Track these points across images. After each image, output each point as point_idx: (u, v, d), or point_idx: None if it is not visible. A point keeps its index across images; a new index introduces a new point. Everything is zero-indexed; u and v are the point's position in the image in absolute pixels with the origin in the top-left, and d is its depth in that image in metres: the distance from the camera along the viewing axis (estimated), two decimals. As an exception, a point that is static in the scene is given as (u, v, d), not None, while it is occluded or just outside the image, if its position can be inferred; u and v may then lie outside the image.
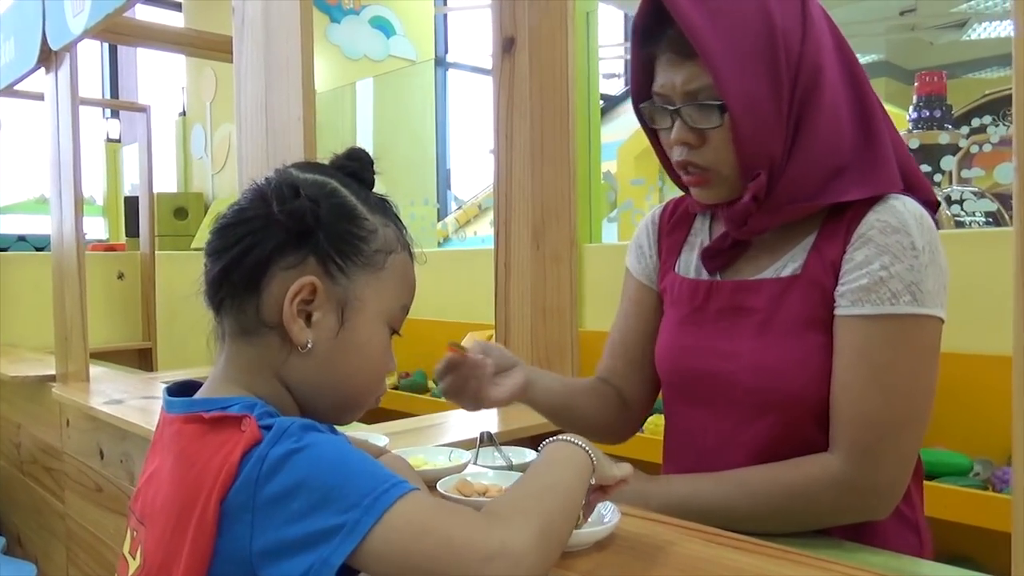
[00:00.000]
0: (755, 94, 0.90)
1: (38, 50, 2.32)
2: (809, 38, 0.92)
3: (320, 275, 0.71)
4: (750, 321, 0.97)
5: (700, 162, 0.96)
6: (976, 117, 2.67)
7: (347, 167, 0.78)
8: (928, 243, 0.89)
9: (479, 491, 0.94)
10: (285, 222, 0.69)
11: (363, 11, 5.98)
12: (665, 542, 0.84)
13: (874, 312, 0.88)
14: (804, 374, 0.93)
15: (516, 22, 1.71)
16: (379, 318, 0.76)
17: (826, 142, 0.93)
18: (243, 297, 0.71)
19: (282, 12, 1.34)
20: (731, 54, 0.89)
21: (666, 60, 0.94)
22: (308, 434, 0.64)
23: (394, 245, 0.77)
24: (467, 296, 3.14)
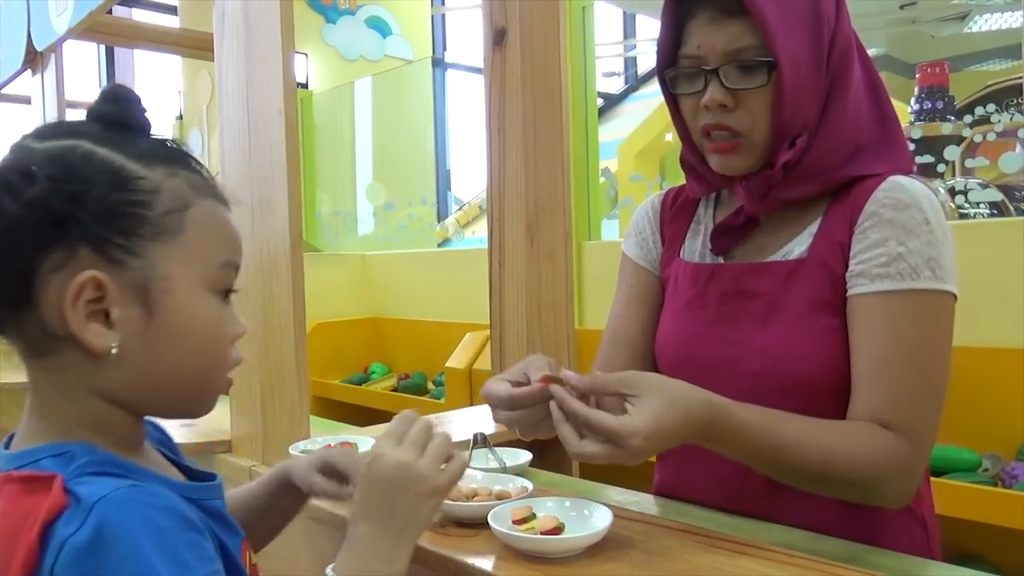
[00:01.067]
0: (801, 57, 0.90)
1: (23, 52, 2.29)
2: (842, 15, 0.93)
3: (101, 265, 0.57)
4: (755, 305, 0.95)
5: (734, 125, 0.93)
6: (980, 107, 2.63)
7: (107, 114, 0.61)
8: (939, 220, 0.89)
9: (467, 494, 0.91)
10: (28, 216, 0.55)
11: (359, 11, 5.96)
12: (661, 547, 0.81)
13: (896, 288, 0.87)
14: (812, 358, 0.91)
15: (507, 14, 1.67)
16: (197, 288, 0.62)
17: (852, 117, 0.94)
18: (18, 315, 0.58)
19: (263, 7, 1.30)
20: (782, 13, 0.89)
21: (707, 19, 0.92)
22: (119, 517, 0.52)
23: (189, 198, 0.62)
24: (466, 296, 3.12)
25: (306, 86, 5.11)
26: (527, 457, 1.26)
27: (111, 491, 0.53)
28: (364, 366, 3.59)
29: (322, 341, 3.43)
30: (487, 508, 0.84)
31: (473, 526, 0.87)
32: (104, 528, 0.51)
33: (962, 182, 2.76)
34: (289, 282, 1.29)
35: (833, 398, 0.90)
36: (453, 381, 2.78)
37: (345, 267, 3.81)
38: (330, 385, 3.47)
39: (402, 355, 3.59)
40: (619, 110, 8.01)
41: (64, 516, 0.52)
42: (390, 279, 3.75)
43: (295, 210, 1.28)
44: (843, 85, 0.93)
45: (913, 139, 2.78)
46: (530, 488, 0.93)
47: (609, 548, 0.80)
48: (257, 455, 1.39)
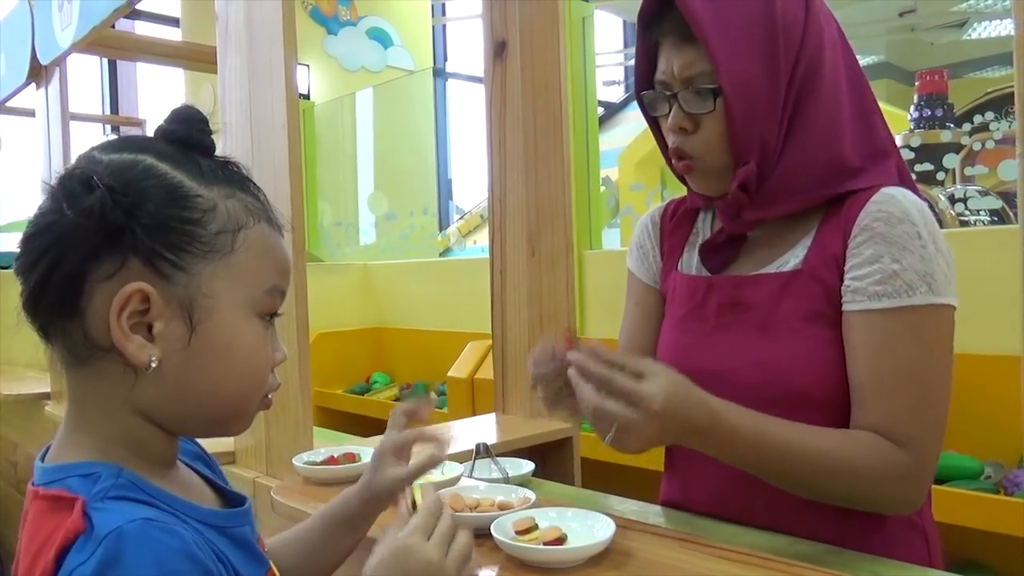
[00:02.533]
0: (751, 80, 0.89)
1: (28, 65, 2.31)
2: (811, 31, 0.92)
3: (150, 277, 0.57)
4: (751, 317, 0.95)
5: (689, 149, 0.95)
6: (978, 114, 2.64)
7: (173, 132, 0.63)
8: (931, 232, 0.88)
9: (470, 505, 0.91)
10: (84, 224, 0.55)
11: (360, 22, 5.99)
12: (663, 557, 0.81)
13: (892, 305, 0.87)
14: (808, 370, 0.91)
15: (507, 25, 1.68)
16: (242, 310, 0.62)
17: (823, 135, 0.92)
18: (64, 321, 0.58)
19: (265, 19, 1.32)
20: (729, 38, 0.89)
21: (668, 44, 0.95)
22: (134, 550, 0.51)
23: (243, 219, 0.62)
24: (468, 306, 3.12)
25: (308, 97, 5.13)
26: (530, 467, 1.26)
27: (124, 523, 0.52)
28: (366, 376, 3.59)
29: (324, 351, 3.43)
30: (490, 518, 0.84)
31: (476, 536, 0.87)
32: (111, 565, 0.50)
33: (962, 189, 2.77)
34: (292, 293, 1.29)
35: (830, 409, 0.90)
36: (455, 390, 2.78)
37: (347, 277, 3.82)
38: (333, 395, 3.47)
39: (404, 365, 3.59)
40: (620, 119, 8.02)
41: (77, 543, 0.52)
42: (392, 289, 3.76)
43: (298, 221, 1.29)
44: (810, 102, 0.92)
45: (912, 147, 2.78)
46: (533, 498, 0.93)
47: (611, 558, 0.81)
48: (261, 466, 1.39)
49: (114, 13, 1.79)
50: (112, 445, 0.60)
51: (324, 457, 1.20)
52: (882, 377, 0.88)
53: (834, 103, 0.93)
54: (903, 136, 3.33)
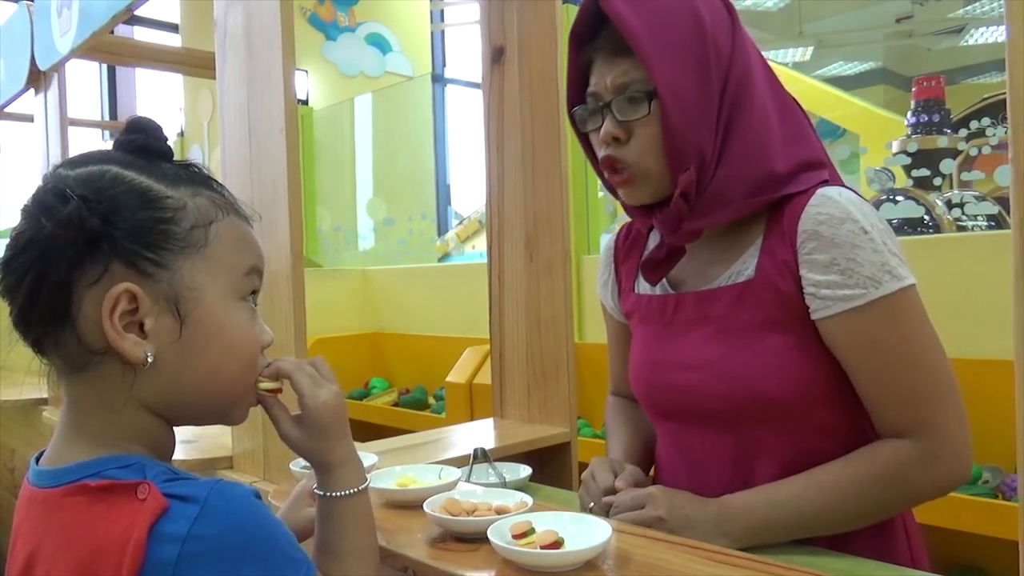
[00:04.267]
0: (684, 85, 0.92)
1: (27, 71, 2.31)
2: (738, 50, 0.96)
3: (133, 278, 0.61)
4: (710, 330, 0.98)
5: (625, 157, 0.97)
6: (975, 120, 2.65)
7: (131, 142, 0.66)
8: (873, 223, 0.90)
9: (467, 510, 0.91)
10: (64, 235, 0.59)
11: (359, 28, 6.01)
12: (660, 561, 0.81)
13: (863, 301, 0.88)
14: (769, 375, 0.92)
15: (505, 31, 1.69)
16: (225, 296, 0.66)
17: (756, 146, 0.95)
18: (58, 331, 0.61)
19: (264, 25, 1.32)
20: (661, 46, 0.92)
21: (601, 59, 0.98)
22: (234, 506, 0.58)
23: (212, 213, 0.66)
24: (466, 311, 3.12)
25: (306, 103, 5.15)
26: (527, 472, 1.26)
27: (214, 484, 0.58)
28: (365, 381, 3.59)
29: (323, 356, 3.42)
30: (487, 523, 0.84)
31: (473, 541, 0.87)
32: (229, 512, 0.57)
33: (959, 195, 2.78)
34: (290, 298, 1.30)
35: (800, 413, 0.93)
36: (454, 396, 2.78)
37: (346, 282, 3.82)
38: (331, 400, 3.47)
39: (403, 370, 3.59)
40: (618, 124, 8.01)
41: (171, 515, 0.56)
42: (391, 294, 3.76)
43: (296, 226, 1.29)
44: (743, 115, 0.94)
45: (909, 152, 2.79)
46: (530, 503, 0.93)
47: (608, 562, 0.81)
48: (259, 471, 1.39)
49: (113, 19, 1.80)
50: (124, 440, 0.63)
51: (322, 462, 1.20)
52: (878, 374, 0.90)
53: (764, 118, 0.96)
54: (900, 142, 3.34)
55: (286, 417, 0.75)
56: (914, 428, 0.89)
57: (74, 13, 1.96)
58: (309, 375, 0.75)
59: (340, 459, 0.75)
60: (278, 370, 0.74)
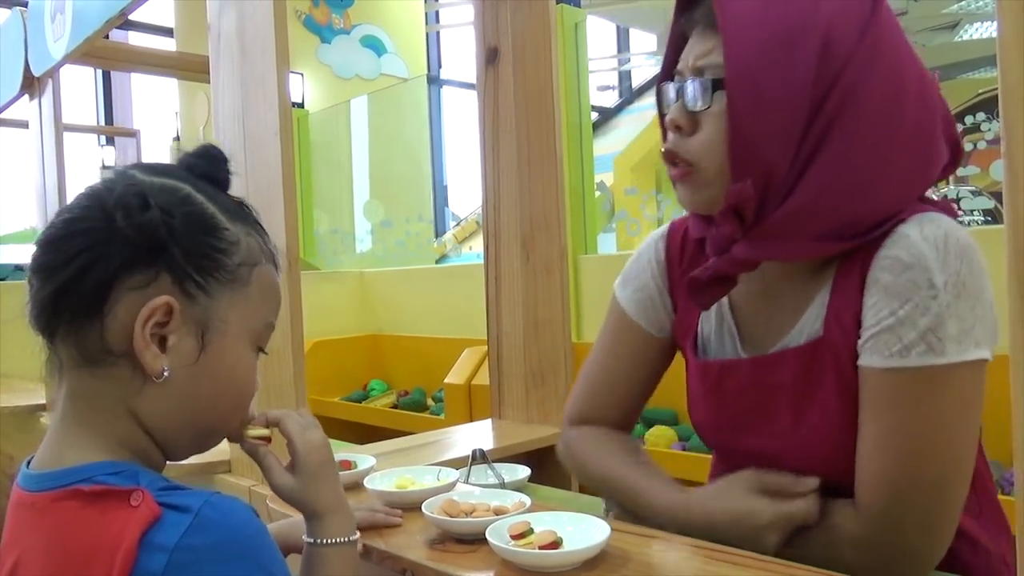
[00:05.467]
0: (765, 82, 0.77)
1: (21, 77, 2.31)
2: (862, 52, 0.78)
3: (176, 294, 0.62)
4: (782, 397, 0.86)
5: (684, 153, 0.83)
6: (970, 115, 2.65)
7: (199, 168, 0.68)
8: (954, 274, 0.75)
9: (466, 511, 0.91)
10: (133, 237, 0.60)
11: (353, 30, 6.00)
12: (659, 560, 0.81)
13: (883, 365, 0.77)
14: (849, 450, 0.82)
15: (499, 33, 1.69)
16: (244, 339, 0.67)
17: (852, 174, 0.78)
18: (83, 322, 0.61)
19: (257, 28, 1.32)
20: (751, 31, 0.78)
21: (695, 33, 0.85)
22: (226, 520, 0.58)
23: (258, 256, 0.69)
24: (464, 312, 3.12)
25: (302, 105, 5.14)
26: (526, 473, 1.26)
27: (209, 496, 0.58)
28: (363, 383, 3.59)
29: (321, 359, 3.43)
30: (485, 523, 0.84)
31: (471, 542, 0.87)
32: (219, 526, 0.57)
33: (955, 190, 2.79)
34: (287, 301, 1.29)
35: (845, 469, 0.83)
36: (452, 397, 2.78)
37: (343, 285, 3.82)
38: (330, 403, 3.47)
39: (401, 372, 3.58)
40: (614, 123, 8.04)
41: (163, 524, 0.56)
42: (388, 296, 3.75)
43: (292, 229, 1.29)
44: (842, 135, 0.78)
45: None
46: (528, 503, 0.93)
47: (607, 562, 0.80)
48: (257, 475, 1.39)
49: (107, 23, 1.79)
50: (118, 447, 0.63)
51: (320, 465, 1.19)
52: (865, 439, 0.80)
53: (874, 144, 0.78)
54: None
55: (277, 466, 0.76)
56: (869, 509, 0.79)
57: (67, 18, 1.96)
58: (297, 420, 0.77)
59: (330, 506, 0.75)
60: (267, 417, 0.76)
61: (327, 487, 0.75)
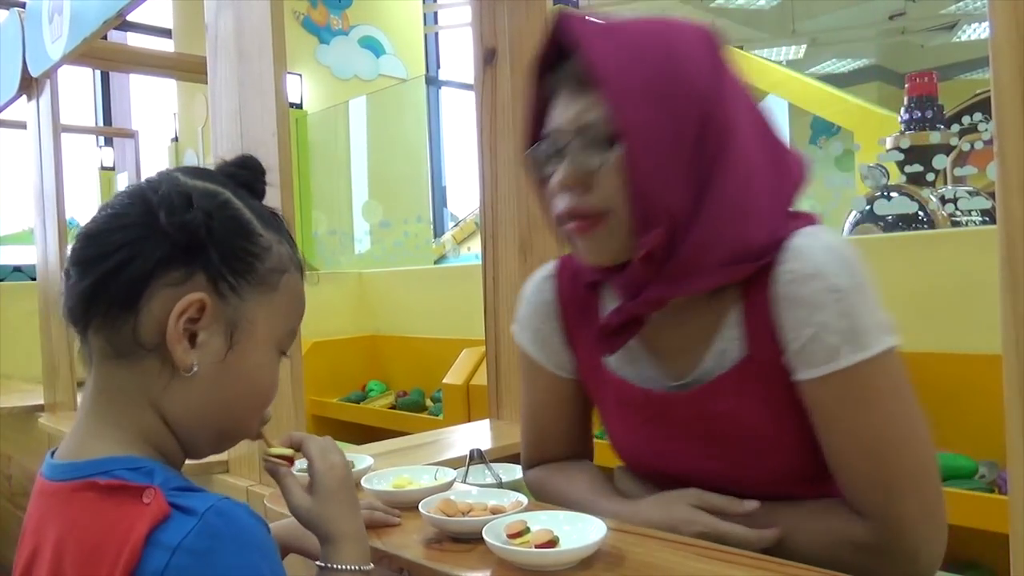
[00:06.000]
0: (655, 131, 0.81)
1: (19, 78, 2.31)
2: (723, 84, 0.84)
3: (209, 292, 0.64)
4: (719, 424, 0.89)
5: (584, 207, 0.84)
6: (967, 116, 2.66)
7: (238, 176, 0.72)
8: (850, 276, 0.80)
9: (463, 510, 0.92)
10: (174, 235, 0.63)
11: (352, 31, 6.01)
12: (656, 558, 0.81)
13: (819, 374, 0.81)
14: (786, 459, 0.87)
15: (497, 34, 1.69)
16: (269, 342, 0.70)
17: (738, 201, 0.83)
18: (118, 314, 0.63)
19: (254, 29, 1.32)
20: (631, 84, 0.81)
21: (565, 95, 0.86)
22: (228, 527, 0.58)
23: (287, 264, 0.71)
24: (463, 313, 3.12)
25: (300, 106, 5.15)
26: (523, 473, 1.26)
27: (216, 501, 0.60)
28: (362, 384, 3.59)
29: (320, 360, 3.43)
30: (482, 523, 0.84)
31: (468, 541, 0.88)
32: (218, 533, 0.58)
33: (952, 190, 2.79)
34: (284, 302, 1.30)
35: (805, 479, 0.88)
36: (451, 397, 2.78)
37: (342, 286, 3.82)
38: (328, 404, 3.47)
39: (400, 372, 3.59)
40: (613, 124, 8.02)
41: (170, 524, 0.58)
42: (387, 297, 3.76)
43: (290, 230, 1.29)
44: (722, 169, 0.82)
45: (902, 148, 2.80)
46: (525, 502, 0.93)
47: (603, 560, 0.81)
48: (254, 475, 1.39)
49: (104, 24, 1.79)
50: (139, 440, 0.65)
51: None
52: (835, 449, 0.83)
53: (748, 173, 0.84)
54: (893, 138, 3.34)
55: (295, 486, 0.77)
56: (870, 515, 0.82)
57: (65, 19, 1.96)
58: (319, 443, 0.79)
59: (348, 532, 0.75)
60: (291, 438, 0.79)
61: (344, 512, 0.75)
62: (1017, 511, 0.55)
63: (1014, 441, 0.55)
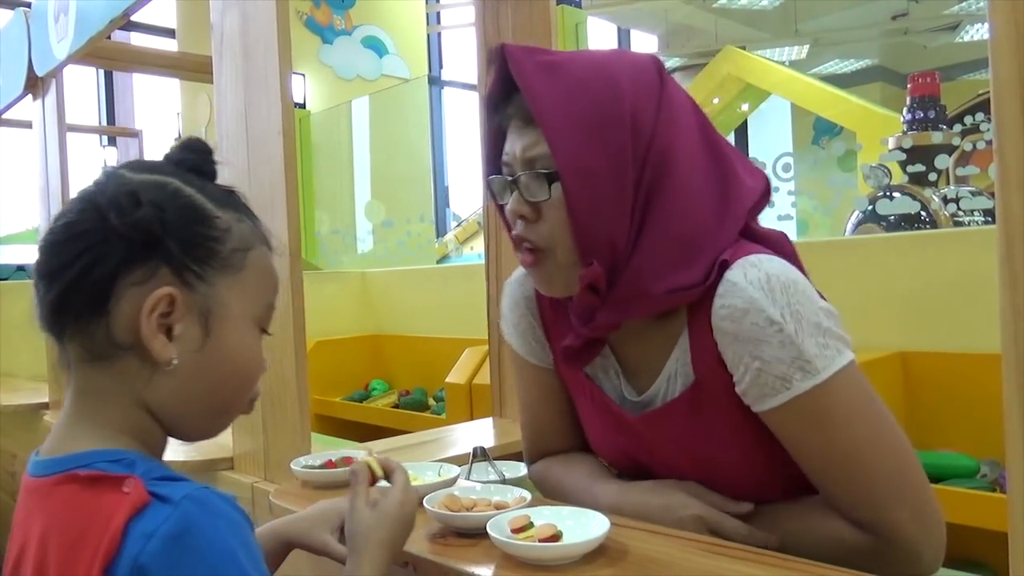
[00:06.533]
0: (593, 169, 0.84)
1: (24, 77, 2.32)
2: (664, 112, 0.86)
3: (176, 285, 0.64)
4: (676, 445, 0.93)
5: (534, 239, 0.89)
6: (970, 116, 2.66)
7: (186, 161, 0.71)
8: (785, 307, 0.81)
9: (467, 506, 0.92)
10: (128, 234, 0.63)
11: (355, 31, 6.02)
12: (659, 553, 0.82)
13: (775, 404, 0.82)
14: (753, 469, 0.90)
15: (500, 33, 1.70)
16: (246, 321, 0.70)
17: (677, 228, 0.86)
18: (89, 320, 0.64)
19: (260, 29, 1.33)
20: (570, 123, 0.84)
21: (513, 127, 0.91)
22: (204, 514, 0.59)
23: (251, 241, 0.71)
24: (465, 312, 3.12)
25: (304, 106, 5.16)
26: (526, 469, 1.27)
27: (193, 490, 0.60)
28: (365, 383, 3.60)
29: (323, 359, 3.44)
30: (486, 518, 0.85)
31: (473, 536, 0.88)
32: (192, 519, 0.58)
33: (954, 190, 2.79)
34: (289, 300, 1.31)
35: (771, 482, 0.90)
36: (453, 396, 2.78)
37: (345, 285, 3.83)
38: (331, 403, 3.48)
39: (402, 371, 3.59)
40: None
41: (148, 512, 0.58)
42: (390, 296, 3.77)
43: (294, 229, 1.30)
44: (661, 198, 0.85)
45: (904, 148, 2.80)
46: (528, 498, 0.94)
47: (606, 555, 0.81)
48: (259, 472, 1.40)
49: (110, 24, 1.80)
50: (121, 435, 0.65)
51: (322, 461, 1.20)
52: (810, 470, 0.86)
53: (686, 198, 0.87)
54: (896, 138, 3.35)
55: (363, 495, 0.80)
56: (864, 527, 0.84)
57: (71, 19, 1.97)
58: (408, 479, 0.83)
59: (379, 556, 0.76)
60: (388, 463, 0.84)
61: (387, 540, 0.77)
62: (1016, 509, 0.55)
63: (1013, 439, 0.55)
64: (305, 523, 0.86)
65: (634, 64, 0.88)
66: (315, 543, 0.84)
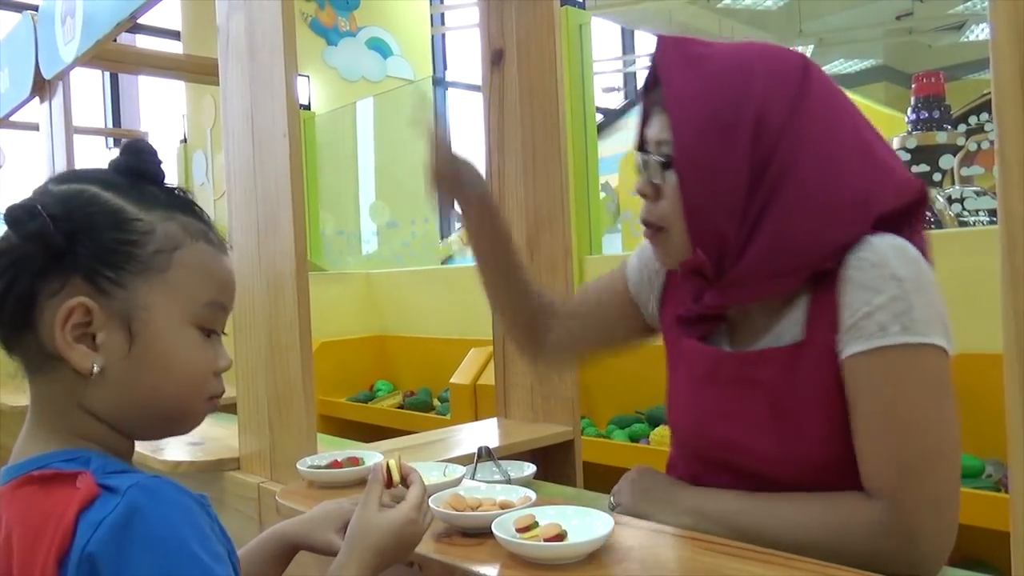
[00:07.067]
0: (706, 163, 0.88)
1: (32, 80, 2.33)
2: (794, 127, 0.87)
3: (91, 293, 0.64)
4: (763, 392, 0.91)
5: (653, 219, 0.95)
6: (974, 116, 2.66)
7: (124, 164, 0.70)
8: (913, 272, 0.84)
9: (472, 505, 0.93)
10: (33, 248, 0.63)
11: (359, 33, 6.03)
12: (662, 552, 0.82)
13: (865, 348, 0.83)
14: (819, 449, 0.88)
15: (504, 35, 1.70)
16: (178, 321, 0.68)
17: (786, 244, 0.88)
18: (21, 336, 0.65)
19: (266, 31, 1.34)
20: (693, 116, 0.88)
21: (656, 112, 0.95)
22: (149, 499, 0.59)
23: (180, 239, 0.68)
24: (469, 313, 3.13)
25: (308, 107, 5.16)
26: (531, 469, 1.27)
27: (142, 479, 0.61)
28: (370, 384, 3.60)
29: (328, 360, 3.44)
30: (491, 517, 0.85)
31: (478, 535, 0.89)
32: (138, 506, 0.58)
33: (959, 190, 2.79)
34: (295, 301, 1.31)
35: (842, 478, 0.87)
36: (458, 397, 2.79)
37: (350, 286, 3.83)
38: (336, 404, 3.48)
39: (407, 372, 3.60)
40: (620, 124, 8.04)
41: (97, 503, 0.59)
42: (394, 297, 3.77)
43: (299, 230, 1.31)
44: (782, 201, 0.87)
45: (909, 148, 2.80)
46: (533, 497, 0.94)
47: (611, 554, 0.82)
48: (265, 472, 1.40)
49: (116, 27, 1.81)
50: (75, 438, 0.66)
51: (328, 461, 1.21)
52: (865, 425, 0.85)
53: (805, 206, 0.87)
54: (900, 138, 3.34)
55: (376, 497, 0.81)
56: (881, 493, 0.83)
57: (78, 22, 1.98)
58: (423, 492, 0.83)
59: (372, 560, 0.77)
60: (410, 476, 0.85)
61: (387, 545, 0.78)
62: (1018, 509, 0.55)
63: (1015, 439, 0.55)
64: (310, 524, 0.87)
65: (777, 64, 0.90)
66: (319, 543, 0.85)
